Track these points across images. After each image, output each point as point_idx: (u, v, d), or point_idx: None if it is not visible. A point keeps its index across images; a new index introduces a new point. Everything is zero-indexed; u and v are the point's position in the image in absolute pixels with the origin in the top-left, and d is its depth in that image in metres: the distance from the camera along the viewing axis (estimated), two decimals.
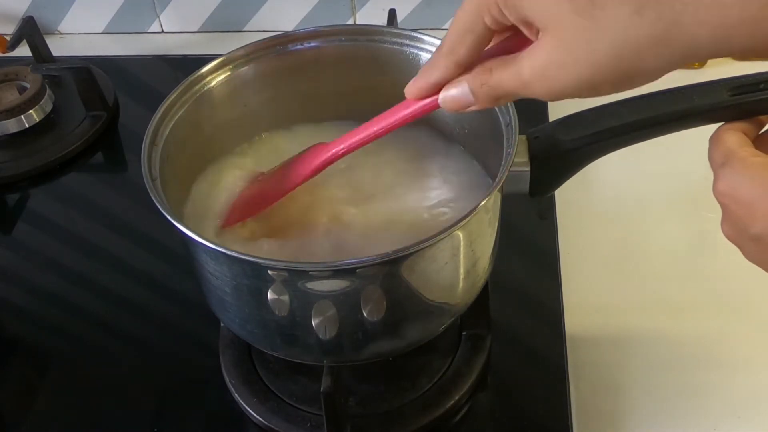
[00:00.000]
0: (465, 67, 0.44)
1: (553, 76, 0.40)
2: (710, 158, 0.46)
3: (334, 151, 0.54)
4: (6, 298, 0.76)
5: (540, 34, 0.40)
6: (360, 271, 0.49)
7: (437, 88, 0.45)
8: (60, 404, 0.66)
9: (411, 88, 0.47)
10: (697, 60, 0.38)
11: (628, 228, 0.77)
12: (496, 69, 0.42)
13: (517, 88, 0.42)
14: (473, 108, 0.44)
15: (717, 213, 0.45)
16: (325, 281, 0.50)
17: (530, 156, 0.55)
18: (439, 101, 0.45)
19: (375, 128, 0.50)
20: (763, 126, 0.47)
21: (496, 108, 0.56)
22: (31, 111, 0.90)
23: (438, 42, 0.60)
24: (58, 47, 1.00)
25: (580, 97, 0.41)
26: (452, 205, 0.59)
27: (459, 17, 0.43)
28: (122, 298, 0.74)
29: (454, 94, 0.44)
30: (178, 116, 0.59)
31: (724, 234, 0.45)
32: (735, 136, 0.45)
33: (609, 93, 0.40)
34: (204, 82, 0.61)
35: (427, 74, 0.45)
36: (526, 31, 0.41)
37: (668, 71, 0.39)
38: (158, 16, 1.07)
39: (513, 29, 0.42)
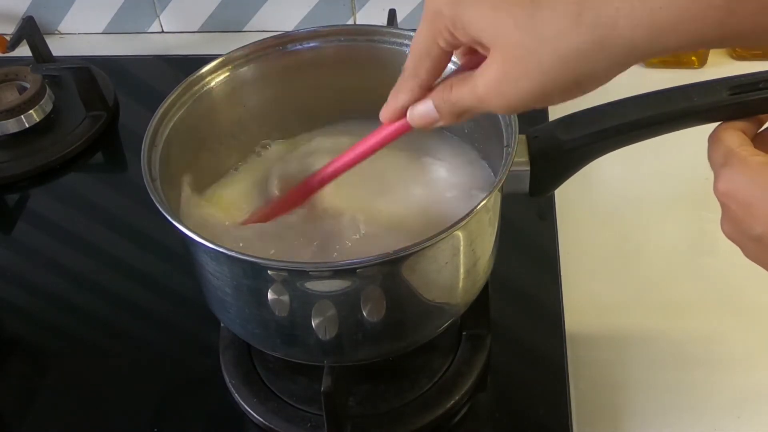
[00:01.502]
0: (429, 88, 0.46)
1: (506, 90, 0.41)
2: (710, 158, 0.46)
3: (319, 178, 0.56)
4: (6, 298, 0.76)
5: (490, 50, 0.41)
6: (360, 271, 0.49)
7: (406, 110, 0.47)
8: (60, 404, 0.66)
9: (384, 113, 0.48)
10: (641, 61, 0.39)
11: (628, 228, 0.77)
12: (455, 86, 0.44)
13: (475, 104, 0.43)
14: (439, 124, 0.46)
15: (717, 213, 0.45)
16: (325, 281, 0.50)
17: (530, 156, 0.55)
18: (407, 119, 0.47)
19: (354, 153, 0.53)
20: (762, 125, 0.47)
21: None
22: (31, 111, 0.90)
23: None
24: (58, 47, 0.99)
25: (534, 107, 0.42)
26: (453, 204, 0.59)
27: (416, 42, 0.44)
28: (122, 298, 0.75)
29: (420, 111, 0.46)
30: (177, 116, 0.59)
31: (725, 233, 0.45)
32: (734, 136, 0.45)
33: (561, 101, 0.42)
34: (204, 82, 0.61)
35: (395, 98, 0.47)
36: (480, 49, 0.42)
37: (614, 74, 0.40)
38: (158, 16, 1.07)
39: (471, 47, 0.43)
